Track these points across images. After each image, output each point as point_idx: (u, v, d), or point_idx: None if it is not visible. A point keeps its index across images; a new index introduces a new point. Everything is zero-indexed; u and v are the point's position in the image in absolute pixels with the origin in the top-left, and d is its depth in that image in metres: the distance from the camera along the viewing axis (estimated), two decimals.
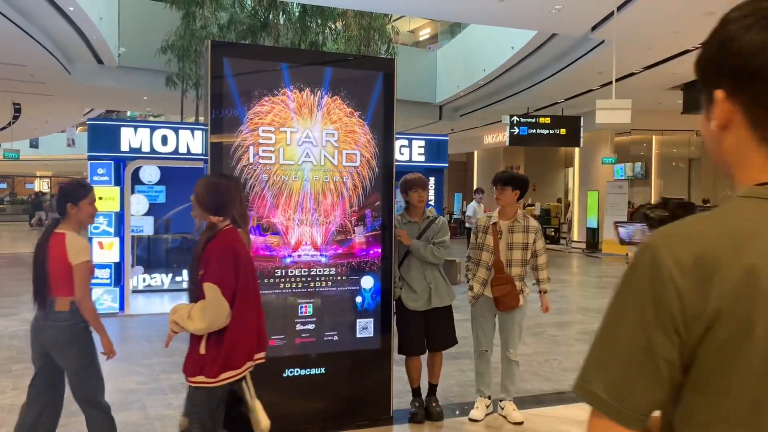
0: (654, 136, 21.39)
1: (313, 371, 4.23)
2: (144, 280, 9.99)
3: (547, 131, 15.98)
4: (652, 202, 21.98)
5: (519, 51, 12.90)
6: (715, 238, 0.85)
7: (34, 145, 33.88)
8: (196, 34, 12.80)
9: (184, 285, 9.68)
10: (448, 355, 6.14)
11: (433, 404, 4.49)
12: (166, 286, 10.05)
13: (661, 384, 0.86)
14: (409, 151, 9.56)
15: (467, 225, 12.16)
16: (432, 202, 9.73)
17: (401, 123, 21.05)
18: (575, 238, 20.21)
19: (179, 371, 3.84)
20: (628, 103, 7.56)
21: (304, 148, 4.19)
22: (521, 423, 4.32)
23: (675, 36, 9.69)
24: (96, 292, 8.16)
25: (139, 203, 9.91)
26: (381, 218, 4.39)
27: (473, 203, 12.17)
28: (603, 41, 10.41)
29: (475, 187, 28.95)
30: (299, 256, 4.20)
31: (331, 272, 4.28)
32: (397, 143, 9.40)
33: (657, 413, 0.92)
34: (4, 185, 45.55)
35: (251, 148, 4.07)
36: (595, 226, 18.70)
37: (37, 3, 9.92)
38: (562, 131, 15.89)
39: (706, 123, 0.97)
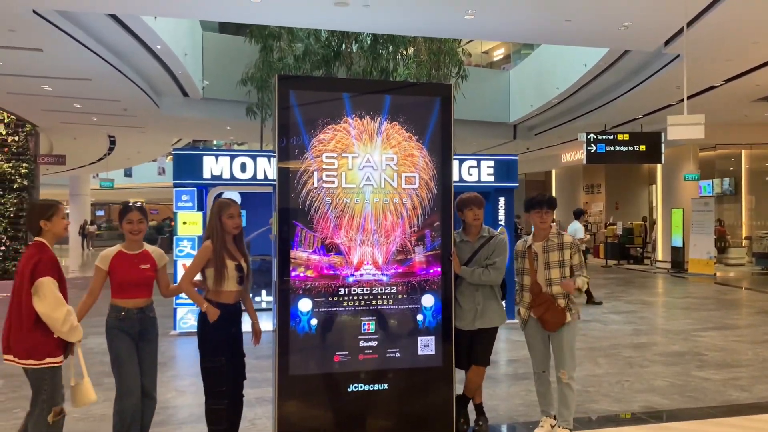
0: (743, 150, 20.43)
1: (377, 387, 4.38)
2: None
3: (626, 148, 15.55)
4: (743, 219, 20.93)
5: (592, 68, 12.74)
6: None
7: (128, 174, 36.12)
8: (273, 65, 13.43)
9: (263, 305, 10.08)
10: (516, 376, 6.17)
11: (478, 423, 4.53)
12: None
13: None
14: (478, 172, 9.61)
15: None
16: (502, 222, 9.74)
17: (474, 144, 21.12)
18: (660, 258, 19.47)
19: (254, 387, 4.09)
20: (700, 118, 7.36)
21: (365, 172, 4.40)
22: None
23: (755, 46, 9.34)
24: (181, 312, 8.71)
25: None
26: (440, 238, 4.52)
27: (575, 224, 11.55)
28: (678, 55, 10.15)
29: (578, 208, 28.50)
30: (361, 275, 4.38)
31: (393, 290, 4.43)
32: (466, 164, 9.58)
33: None
34: (101, 212, 48.59)
35: (315, 173, 4.31)
36: (680, 245, 17.98)
37: (128, 43, 10.74)
38: (642, 148, 15.42)
39: None
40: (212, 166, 8.69)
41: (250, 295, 4.33)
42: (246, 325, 4.18)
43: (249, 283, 4.18)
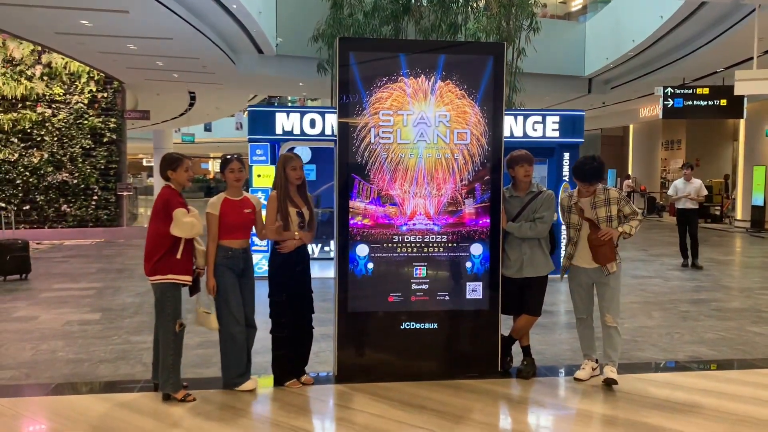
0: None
1: (427, 326, 4.78)
2: None
3: (705, 103, 14.97)
4: None
5: (668, 20, 12.32)
6: None
7: (207, 129, 37.52)
8: (343, 22, 13.69)
9: (332, 254, 10.63)
10: (568, 325, 6.42)
11: (523, 362, 4.86)
12: (315, 255, 11.08)
13: None
14: (542, 127, 9.67)
15: (678, 205, 10.74)
16: (566, 178, 9.80)
17: (548, 98, 20.78)
18: (739, 217, 18.82)
19: (320, 325, 4.57)
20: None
21: (419, 128, 4.70)
22: (613, 382, 4.52)
23: None
24: (256, 258, 9.35)
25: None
26: (490, 191, 4.80)
27: (680, 180, 10.83)
28: (759, 5, 9.72)
29: (632, 162, 27.72)
30: (414, 224, 4.74)
31: (443, 239, 4.77)
32: (530, 119, 9.65)
33: None
34: None
35: (372, 129, 4.65)
36: (762, 204, 17.33)
37: (206, 3, 11.27)
38: (723, 102, 14.78)
39: None
40: (284, 122, 9.17)
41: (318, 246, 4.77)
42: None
43: (313, 229, 4.60)
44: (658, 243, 13.67)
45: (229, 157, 4.59)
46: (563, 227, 4.92)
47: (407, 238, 4.74)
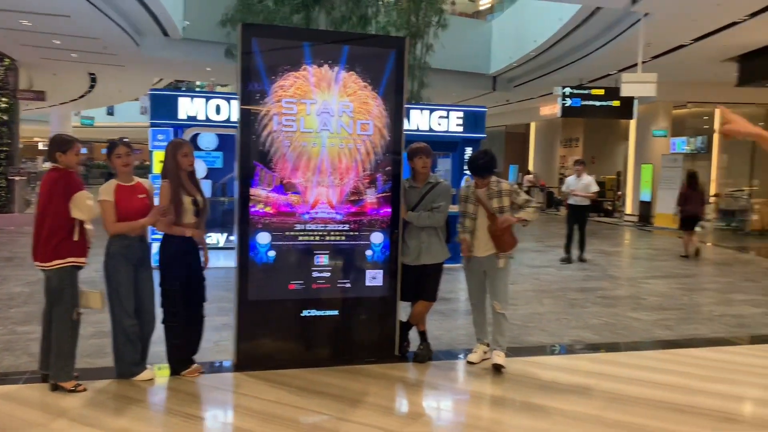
0: (716, 109, 20.82)
1: (328, 313, 4.85)
2: None
3: (600, 103, 15.90)
4: (714, 177, 21.53)
5: (567, 23, 12.97)
6: None
7: (110, 113, 35.80)
8: (252, 8, 13.48)
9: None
10: (463, 312, 6.68)
11: (420, 347, 5.04)
12: (221, 245, 10.90)
13: None
14: (447, 122, 9.96)
15: (570, 201, 10.87)
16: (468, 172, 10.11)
17: (454, 94, 21.30)
18: (628, 212, 20.10)
19: (221, 314, 4.54)
20: (653, 76, 7.74)
21: (323, 118, 4.76)
22: (500, 367, 4.76)
23: (718, 8, 9.64)
24: (156, 246, 9.08)
25: (197, 168, 10.74)
26: (391, 182, 4.92)
27: (572, 177, 10.99)
28: (647, 14, 10.43)
29: (533, 159, 28.90)
30: (316, 213, 4.79)
31: (345, 228, 4.86)
32: (435, 114, 9.91)
33: None
34: (84, 150, 48.26)
35: (275, 117, 4.66)
36: (648, 200, 18.56)
37: None
38: (615, 103, 15.75)
39: None
40: (187, 107, 8.95)
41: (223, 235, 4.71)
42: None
43: (204, 216, 4.55)
44: (554, 235, 14.37)
45: (115, 141, 4.45)
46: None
47: (309, 227, 4.79)
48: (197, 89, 30.44)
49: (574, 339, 5.88)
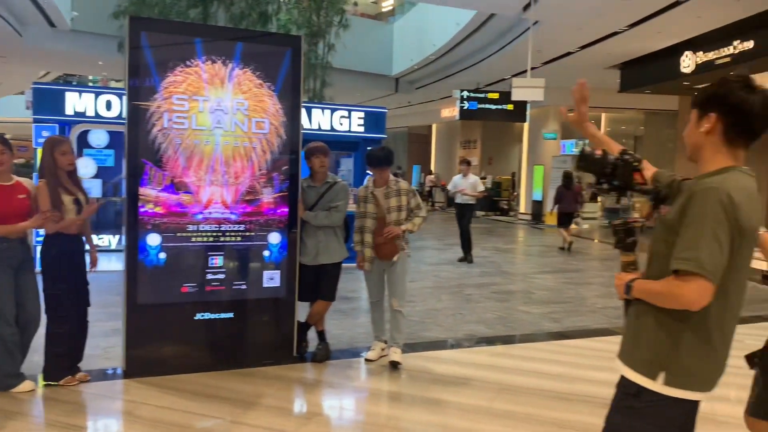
0: (603, 114, 22.16)
1: (223, 315, 4.76)
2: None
3: (495, 106, 16.53)
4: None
5: (464, 28, 13.39)
6: (746, 191, 1.76)
7: None
8: (147, 1, 12.97)
9: None
10: (362, 310, 6.74)
11: (318, 347, 5.05)
12: (113, 247, 10.41)
13: (726, 260, 1.73)
14: (348, 122, 10.02)
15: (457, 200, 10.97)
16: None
17: (358, 94, 21.45)
18: (522, 210, 20.99)
19: (111, 320, 4.35)
20: (541, 81, 8.14)
21: (216, 115, 4.65)
22: (397, 364, 4.85)
23: (601, 19, 10.27)
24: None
25: (86, 166, 10.21)
26: (288, 181, 4.89)
27: (458, 176, 11.15)
28: (537, 21, 10.94)
29: (434, 160, 29.55)
30: (210, 213, 4.68)
31: (240, 228, 4.78)
32: (337, 114, 9.94)
33: None
34: None
35: (165, 114, 4.51)
36: (540, 199, 19.47)
37: None
38: (510, 107, 16.42)
39: (695, 127, 1.87)
40: (75, 102, 8.51)
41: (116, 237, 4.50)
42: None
43: (87, 215, 4.34)
44: (453, 234, 14.75)
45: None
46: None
47: (203, 227, 4.67)
48: (90, 84, 28.91)
49: (468, 333, 6.08)
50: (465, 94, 16.17)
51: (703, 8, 9.39)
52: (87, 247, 4.44)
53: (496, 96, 16.36)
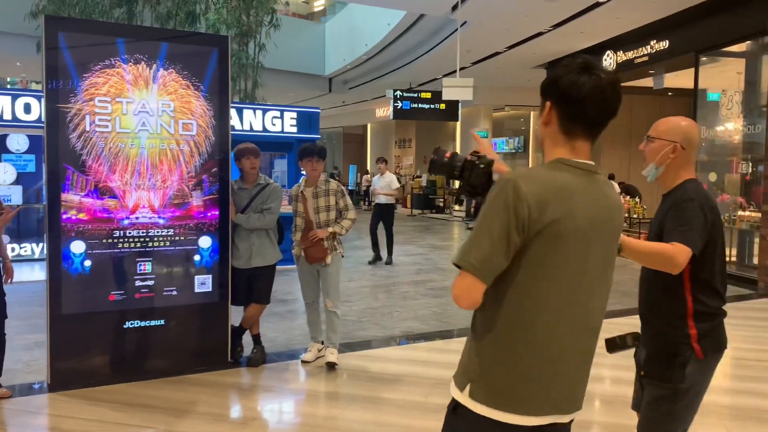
0: (532, 112, 22.76)
1: (153, 323, 4.64)
2: (13, 249, 9.87)
3: (428, 106, 16.73)
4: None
5: (395, 28, 13.49)
6: (548, 184, 1.54)
7: None
8: (67, 0, 12.48)
9: None
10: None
11: (253, 351, 4.99)
12: (36, 256, 9.98)
13: (506, 258, 1.52)
14: (281, 123, 9.93)
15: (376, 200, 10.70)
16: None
17: (292, 94, 21.27)
18: (457, 208, 21.31)
19: (34, 332, 4.16)
20: (470, 81, 8.30)
21: (140, 117, 4.53)
22: (334, 364, 4.84)
23: (527, 19, 10.55)
24: None
25: (6, 172, 9.75)
26: (218, 183, 4.81)
27: (390, 174, 10.89)
28: (465, 22, 11.14)
29: (370, 159, 29.64)
30: (137, 218, 4.56)
31: (169, 233, 4.67)
32: (269, 114, 9.84)
33: None
34: None
35: (87, 116, 4.36)
36: None
37: None
38: (442, 106, 16.66)
39: (539, 119, 1.67)
40: None
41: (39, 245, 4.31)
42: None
43: (2, 224, 4.16)
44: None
45: None
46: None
47: (130, 233, 4.54)
48: (9, 86, 27.56)
49: (404, 330, 6.14)
50: (398, 93, 16.30)
51: (621, 10, 9.80)
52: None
53: (428, 95, 16.57)
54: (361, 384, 4.55)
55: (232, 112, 9.40)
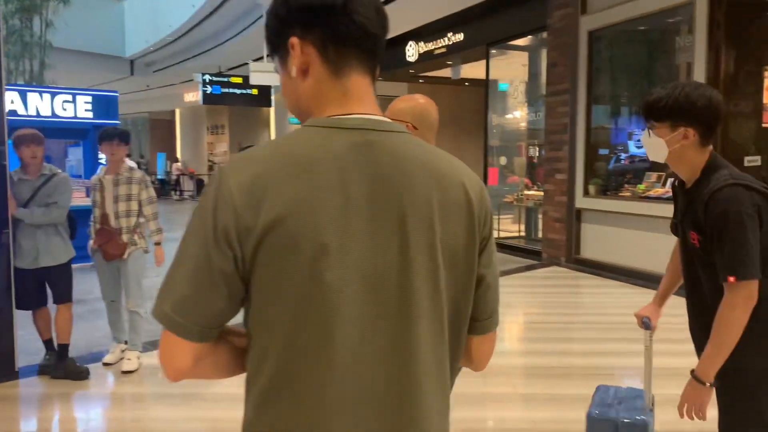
0: None
1: None
2: None
3: (239, 91, 16.36)
4: None
5: (199, 10, 13.01)
6: (271, 161, 0.94)
7: None
8: None
9: None
10: (100, 311, 6.27)
11: (46, 357, 4.59)
12: None
13: (221, 295, 0.94)
14: (73, 107, 9.14)
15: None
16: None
17: (89, 77, 19.61)
18: None
19: None
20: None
21: None
22: (131, 371, 4.57)
23: None
24: None
25: None
26: None
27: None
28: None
29: (180, 146, 28.31)
30: None
31: None
32: (59, 98, 9.01)
33: None
34: None
35: None
36: None
37: None
38: (254, 92, 16.38)
39: (285, 76, 1.05)
40: None
41: None
42: None
43: None
44: None
45: None
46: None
47: None
48: None
49: None
50: (207, 78, 15.72)
51: (419, 2, 10.32)
52: None
53: (239, 80, 16.19)
54: (166, 382, 4.37)
55: (14, 96, 8.50)
